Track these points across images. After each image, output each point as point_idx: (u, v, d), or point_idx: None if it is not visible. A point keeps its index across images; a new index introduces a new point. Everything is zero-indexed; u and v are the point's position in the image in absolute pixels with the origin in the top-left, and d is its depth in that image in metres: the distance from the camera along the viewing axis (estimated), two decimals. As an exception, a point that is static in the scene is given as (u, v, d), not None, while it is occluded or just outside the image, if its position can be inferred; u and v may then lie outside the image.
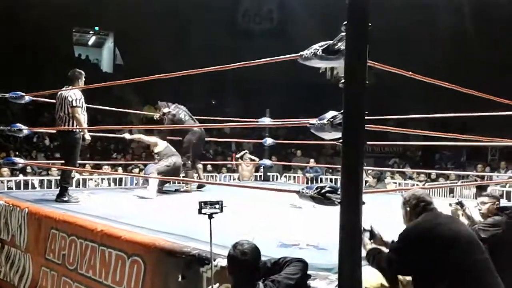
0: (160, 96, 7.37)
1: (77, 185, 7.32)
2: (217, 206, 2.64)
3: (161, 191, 5.91)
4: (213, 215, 2.63)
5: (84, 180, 7.78)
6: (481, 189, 8.33)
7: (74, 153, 4.91)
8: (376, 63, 2.86)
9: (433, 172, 10.12)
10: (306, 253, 2.92)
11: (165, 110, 6.43)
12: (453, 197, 8.51)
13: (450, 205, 3.55)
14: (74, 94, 4.85)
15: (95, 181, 8.13)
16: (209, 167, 11.31)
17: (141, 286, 3.14)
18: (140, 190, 5.83)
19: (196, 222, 2.94)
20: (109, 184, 8.00)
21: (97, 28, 21.77)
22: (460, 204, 3.52)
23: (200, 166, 6.73)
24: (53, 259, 4.01)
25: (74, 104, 4.81)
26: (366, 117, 2.26)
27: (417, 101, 14.46)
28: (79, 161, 5.27)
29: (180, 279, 2.89)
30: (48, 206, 4.56)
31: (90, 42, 23.60)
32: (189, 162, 6.27)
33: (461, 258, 2.33)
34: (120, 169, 9.23)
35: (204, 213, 2.61)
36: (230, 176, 10.22)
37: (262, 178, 9.21)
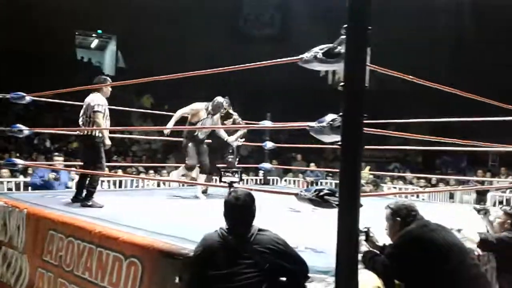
0: (162, 99, 7.37)
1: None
2: (236, 175, 2.77)
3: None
4: (233, 184, 2.74)
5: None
6: (481, 195, 8.32)
7: (99, 156, 4.93)
8: (377, 67, 2.87)
9: (433, 177, 10.11)
10: (305, 256, 2.90)
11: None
12: (453, 202, 8.50)
13: (477, 211, 3.55)
14: (96, 99, 4.96)
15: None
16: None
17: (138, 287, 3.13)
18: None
19: (196, 225, 2.95)
20: (109, 187, 8.00)
21: (100, 31, 21.82)
22: (485, 210, 3.53)
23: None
24: (50, 260, 4.00)
25: (96, 109, 4.90)
26: (365, 121, 2.27)
27: (419, 106, 14.47)
28: (75, 162, 5.25)
29: (177, 280, 2.89)
30: (53, 208, 4.52)
31: (92, 45, 23.64)
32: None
33: (453, 265, 2.33)
34: (120, 171, 9.22)
35: (225, 182, 2.73)
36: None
37: (262, 182, 9.20)
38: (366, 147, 2.34)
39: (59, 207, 4.57)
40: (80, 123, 5.03)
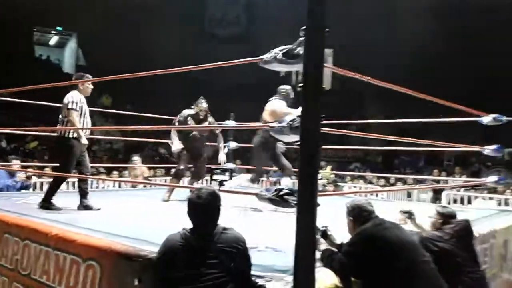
0: (124, 98, 7.22)
1: (34, 188, 7.07)
2: (227, 173, 2.73)
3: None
4: (223, 183, 2.69)
5: (42, 184, 7.52)
6: (436, 193, 8.64)
7: (68, 159, 4.66)
8: (339, 69, 2.93)
9: (392, 177, 10.39)
10: (264, 255, 2.94)
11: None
12: (410, 200, 8.78)
13: (401, 213, 3.59)
14: (71, 96, 4.74)
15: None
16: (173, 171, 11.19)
17: (96, 291, 3.07)
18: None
19: (158, 226, 2.92)
20: (67, 188, 7.77)
21: (60, 28, 21.21)
22: (409, 214, 3.56)
23: None
24: (5, 264, 3.86)
25: (70, 106, 4.68)
26: (326, 121, 2.31)
27: (380, 107, 14.85)
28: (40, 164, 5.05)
29: (136, 283, 2.85)
30: (7, 210, 4.33)
31: (51, 42, 22.95)
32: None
33: (407, 262, 2.41)
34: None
35: (215, 180, 2.68)
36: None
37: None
38: (327, 147, 2.40)
39: (14, 209, 4.41)
40: (59, 122, 4.82)
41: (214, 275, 2.29)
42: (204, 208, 2.45)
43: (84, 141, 4.77)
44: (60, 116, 4.82)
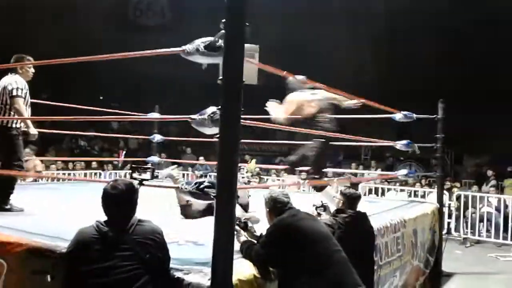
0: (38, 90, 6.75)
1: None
2: (148, 171, 2.62)
3: None
4: (143, 182, 2.58)
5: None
6: (354, 185, 9.10)
7: (18, 151, 4.13)
8: (263, 65, 2.97)
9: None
10: (185, 249, 2.93)
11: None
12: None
13: (314, 207, 3.53)
14: (16, 82, 4.17)
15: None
16: (94, 164, 10.77)
17: (2, 289, 2.88)
18: None
19: (73, 222, 2.79)
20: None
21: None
22: (324, 207, 3.53)
23: None
24: None
25: (15, 93, 4.11)
26: (252, 116, 2.34)
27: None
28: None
29: (49, 279, 2.72)
30: None
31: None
32: None
33: (321, 251, 2.52)
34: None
35: (135, 178, 2.56)
36: (116, 173, 9.83)
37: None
38: (251, 140, 2.43)
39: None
40: None
41: (129, 267, 2.24)
42: (118, 199, 2.38)
43: (33, 131, 4.30)
44: None
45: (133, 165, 2.64)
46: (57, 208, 4.64)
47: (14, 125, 4.19)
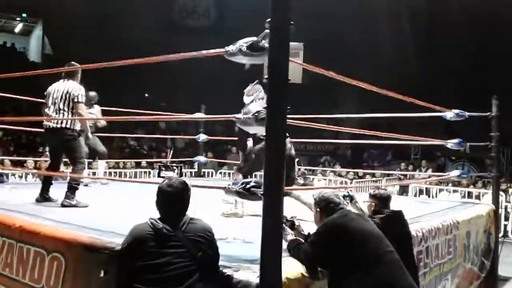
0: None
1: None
2: (176, 170, 2.70)
3: None
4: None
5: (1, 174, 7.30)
6: (403, 186, 8.87)
7: (80, 151, 4.59)
8: (308, 65, 2.95)
9: (360, 171, 10.58)
10: (233, 246, 2.97)
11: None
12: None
13: (343, 197, 3.32)
14: (79, 88, 4.57)
15: (19, 175, 7.68)
16: (143, 163, 11.11)
17: (61, 283, 3.01)
18: None
19: (125, 219, 2.89)
20: (26, 179, 7.60)
21: (24, 15, 20.51)
22: (350, 197, 3.43)
23: None
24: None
25: (79, 99, 4.51)
26: (299, 116, 2.34)
27: (351, 101, 15.03)
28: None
29: (102, 275, 2.82)
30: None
31: (16, 30, 22.19)
32: None
33: (371, 252, 2.47)
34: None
35: (162, 177, 2.65)
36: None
37: (196, 174, 9.17)
38: (298, 140, 2.42)
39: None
40: (52, 113, 4.51)
41: (181, 264, 2.29)
42: (174, 197, 2.44)
43: (90, 134, 4.78)
44: (58, 106, 4.51)
45: (160, 164, 2.73)
46: (112, 204, 4.82)
47: (73, 127, 4.57)
